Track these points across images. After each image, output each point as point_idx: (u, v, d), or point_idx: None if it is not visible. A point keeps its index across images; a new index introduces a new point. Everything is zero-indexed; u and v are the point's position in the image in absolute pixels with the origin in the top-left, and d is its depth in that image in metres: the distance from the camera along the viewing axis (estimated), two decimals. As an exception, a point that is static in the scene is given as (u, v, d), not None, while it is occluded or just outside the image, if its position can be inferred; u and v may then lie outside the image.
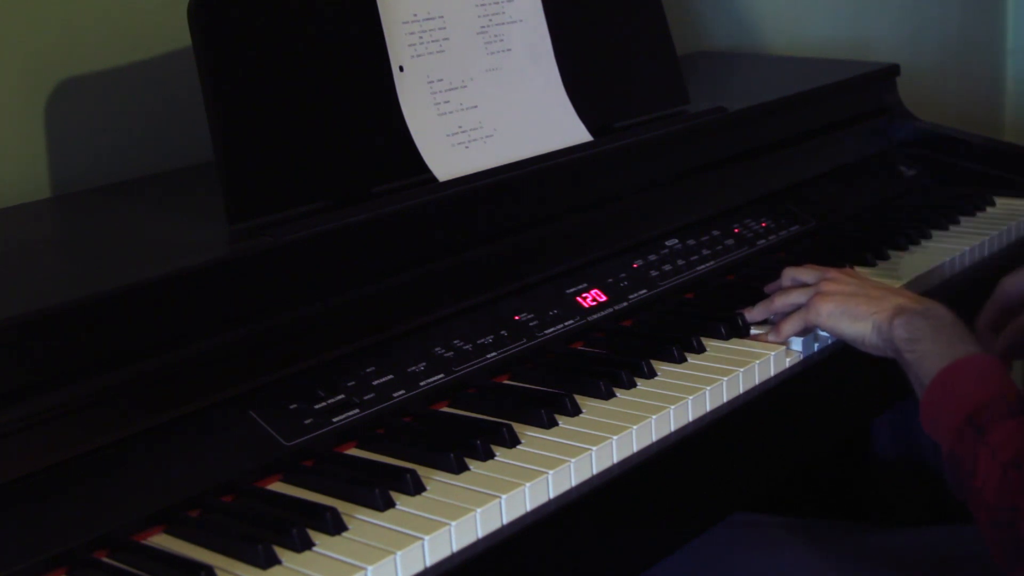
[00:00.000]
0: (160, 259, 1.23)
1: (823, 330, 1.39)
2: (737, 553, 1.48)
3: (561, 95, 1.60)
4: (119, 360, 1.13)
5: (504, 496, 1.09)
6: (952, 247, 1.73)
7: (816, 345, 1.42)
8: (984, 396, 1.17)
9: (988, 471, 1.11)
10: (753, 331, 1.44)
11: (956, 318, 1.28)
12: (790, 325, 1.39)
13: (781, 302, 1.42)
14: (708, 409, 1.29)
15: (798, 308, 1.40)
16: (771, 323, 1.44)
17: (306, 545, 1.02)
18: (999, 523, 1.10)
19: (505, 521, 1.09)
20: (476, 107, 1.51)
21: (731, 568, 1.48)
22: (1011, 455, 1.10)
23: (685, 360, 1.37)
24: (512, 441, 1.18)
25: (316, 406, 1.20)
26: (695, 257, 1.61)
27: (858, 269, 1.63)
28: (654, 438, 1.23)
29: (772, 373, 1.37)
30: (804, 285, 1.43)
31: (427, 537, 1.03)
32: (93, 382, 1.11)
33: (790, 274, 1.46)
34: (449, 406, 1.29)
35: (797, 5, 2.63)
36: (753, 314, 1.45)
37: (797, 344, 1.40)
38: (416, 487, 1.10)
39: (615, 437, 1.19)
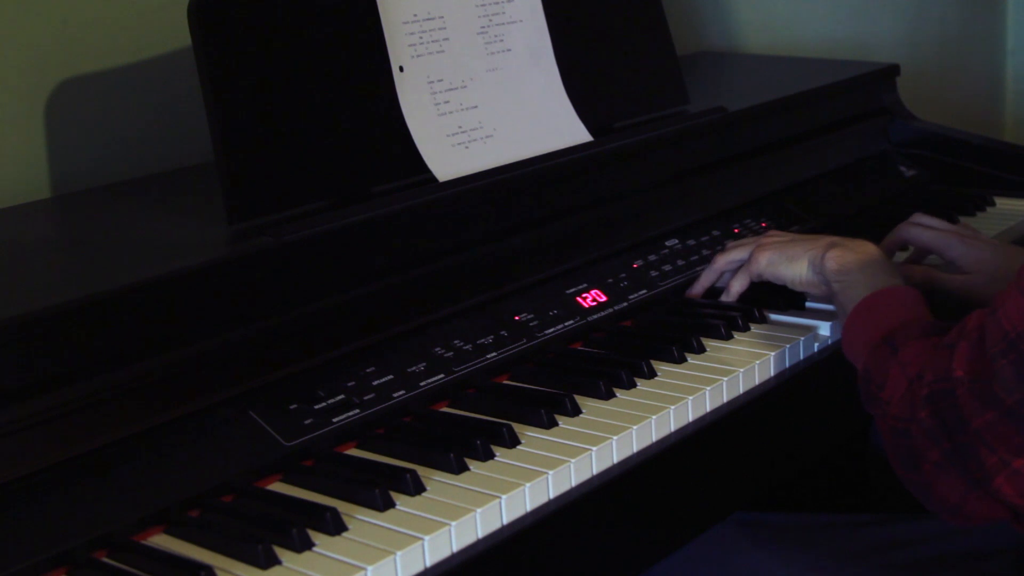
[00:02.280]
0: (160, 259, 1.23)
1: (766, 278, 1.48)
2: (737, 553, 1.48)
3: (561, 95, 1.60)
4: (119, 360, 1.13)
5: (504, 496, 1.09)
6: (952, 247, 1.73)
7: (816, 345, 1.43)
8: (902, 319, 1.25)
9: (895, 384, 1.17)
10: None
11: (884, 255, 1.40)
12: (737, 282, 1.50)
13: (723, 260, 1.53)
14: (708, 409, 1.29)
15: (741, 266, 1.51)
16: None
17: (306, 545, 1.02)
18: (898, 431, 1.16)
19: (505, 521, 1.09)
20: (476, 107, 1.51)
21: (731, 568, 1.47)
22: (916, 370, 1.15)
23: (685, 360, 1.37)
24: (512, 441, 1.18)
25: (316, 406, 1.20)
26: (695, 257, 1.61)
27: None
28: (654, 438, 1.23)
29: (772, 373, 1.37)
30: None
31: (427, 537, 1.03)
32: (93, 382, 1.11)
33: (727, 246, 1.56)
34: (449, 406, 1.29)
35: (796, 5, 2.63)
36: (700, 284, 1.54)
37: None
38: (416, 487, 1.10)
39: (615, 437, 1.19)
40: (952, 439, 1.09)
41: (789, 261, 1.45)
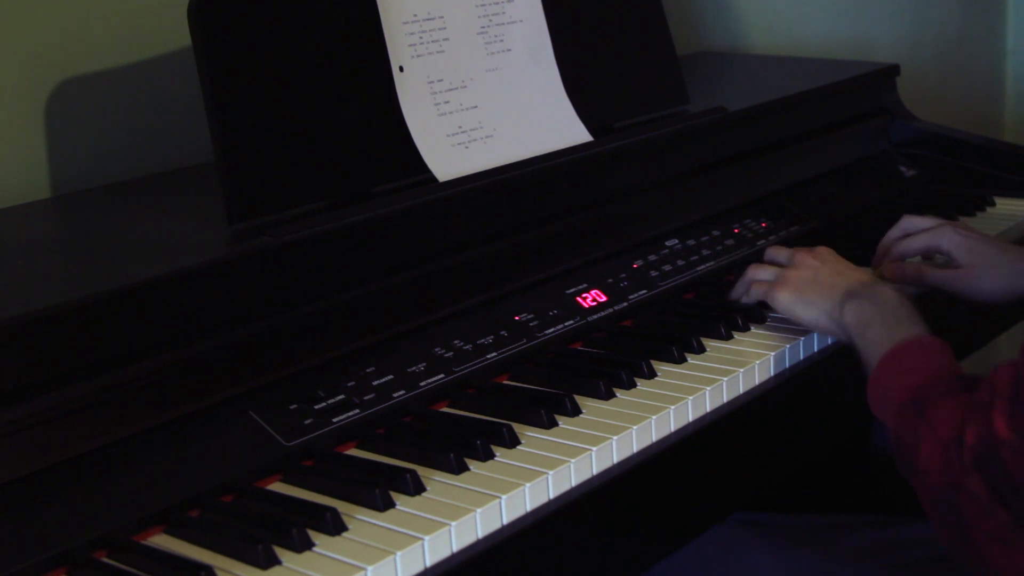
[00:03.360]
0: (160, 259, 1.23)
1: (782, 315, 1.44)
2: (737, 553, 1.48)
3: (561, 95, 1.60)
4: (119, 360, 1.13)
5: (504, 496, 1.09)
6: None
7: (816, 345, 1.42)
8: (925, 376, 1.19)
9: (930, 451, 1.11)
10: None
11: (903, 299, 1.33)
12: (754, 292, 1.48)
13: (751, 274, 1.50)
14: (708, 409, 1.29)
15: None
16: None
17: (306, 545, 1.02)
18: (941, 502, 1.10)
19: (505, 521, 1.09)
20: (476, 107, 1.51)
21: (731, 568, 1.48)
22: (950, 433, 1.10)
23: (685, 360, 1.37)
24: (512, 441, 1.18)
25: (316, 406, 1.20)
26: (695, 257, 1.61)
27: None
28: (654, 438, 1.23)
29: (772, 373, 1.37)
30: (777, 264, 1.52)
31: (427, 537, 1.03)
32: (93, 382, 1.11)
33: (769, 253, 1.56)
34: (449, 406, 1.29)
35: (797, 5, 2.63)
36: (735, 292, 1.52)
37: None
38: (416, 487, 1.10)
39: (615, 437, 1.19)
40: (1007, 506, 1.04)
41: (806, 306, 1.40)
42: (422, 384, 1.27)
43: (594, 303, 1.47)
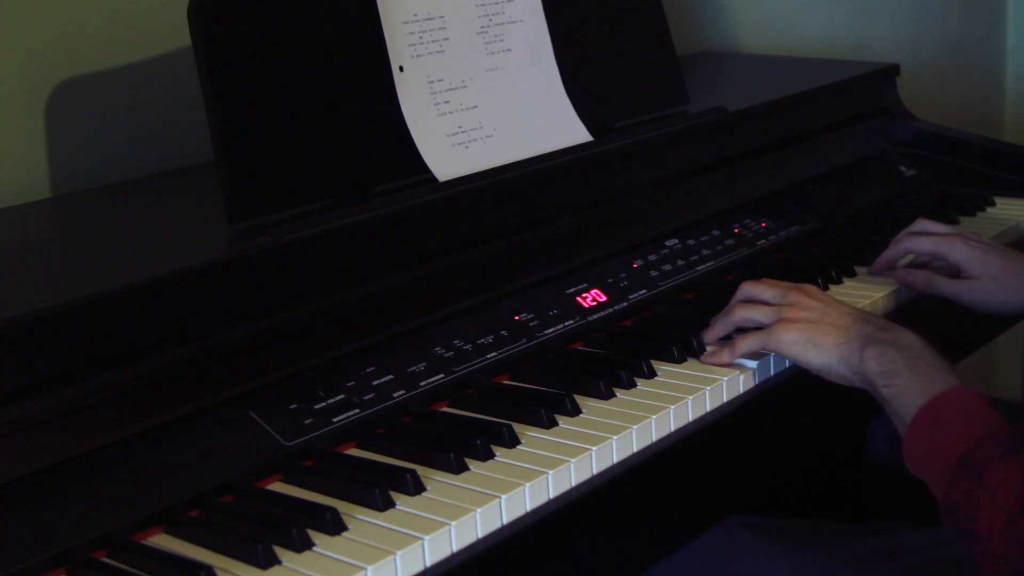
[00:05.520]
0: (160, 259, 1.23)
1: (784, 358, 1.33)
2: (736, 554, 1.48)
3: (561, 95, 1.60)
4: (119, 360, 1.13)
5: (504, 496, 1.09)
6: (952, 247, 1.73)
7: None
8: (974, 435, 1.12)
9: (992, 518, 1.06)
10: (708, 349, 1.37)
11: (926, 344, 1.25)
12: (746, 344, 1.33)
13: (741, 316, 1.36)
14: (708, 409, 1.29)
15: (757, 328, 1.34)
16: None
17: (306, 545, 1.02)
18: (1008, 573, 1.06)
19: (505, 521, 1.09)
20: (476, 107, 1.51)
21: (731, 568, 1.48)
22: (1014, 500, 1.05)
23: (685, 360, 1.37)
24: (512, 441, 1.18)
25: (316, 406, 1.20)
26: (695, 257, 1.61)
27: (857, 269, 1.63)
28: (654, 438, 1.23)
29: (772, 373, 1.37)
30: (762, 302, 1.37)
31: (427, 537, 1.03)
32: (93, 382, 1.11)
33: (747, 290, 1.39)
34: (449, 406, 1.29)
35: (797, 5, 2.63)
36: (712, 332, 1.38)
37: (751, 364, 1.34)
38: (416, 487, 1.10)
39: (615, 437, 1.19)
40: None
41: (817, 350, 1.29)
42: (422, 384, 1.27)
43: (594, 303, 1.47)
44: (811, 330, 1.30)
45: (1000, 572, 1.06)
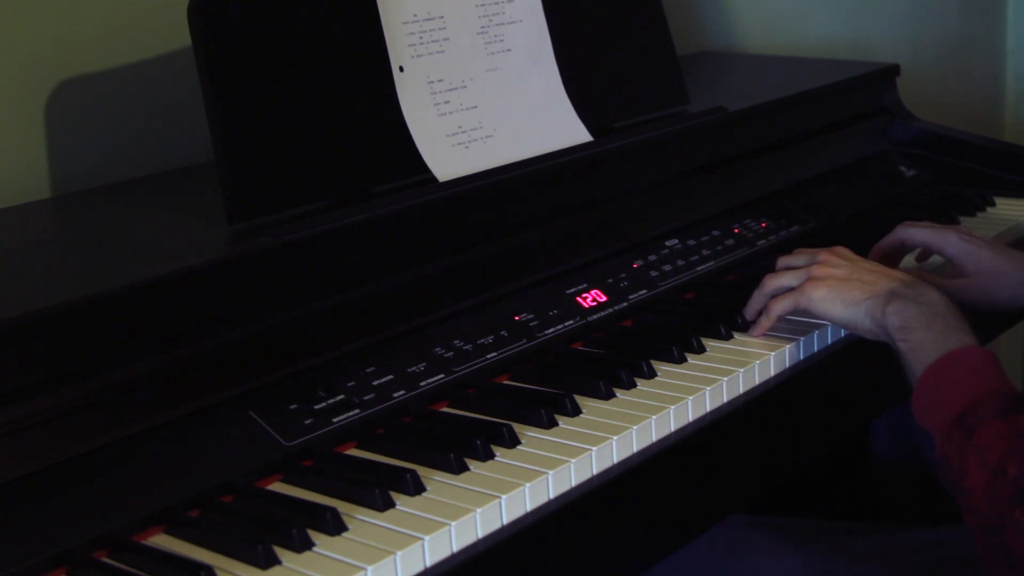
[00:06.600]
0: (160, 259, 1.23)
1: (814, 315, 1.38)
2: (736, 553, 1.48)
3: (561, 95, 1.60)
4: (119, 360, 1.13)
5: (504, 496, 1.09)
6: (952, 247, 1.72)
7: (817, 344, 1.42)
8: (974, 394, 1.15)
9: (976, 474, 1.09)
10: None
11: (949, 304, 1.28)
12: (779, 306, 1.39)
13: (772, 284, 1.42)
14: (708, 409, 1.29)
15: (789, 291, 1.40)
16: None
17: (306, 545, 1.02)
18: (987, 528, 1.08)
19: (505, 521, 1.09)
20: (476, 107, 1.51)
21: (731, 568, 1.48)
22: (997, 458, 1.08)
23: (685, 360, 1.37)
24: (512, 441, 1.18)
25: (316, 406, 1.20)
26: (695, 257, 1.61)
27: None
28: (654, 438, 1.23)
29: (772, 373, 1.37)
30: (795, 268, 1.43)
31: (427, 537, 1.03)
32: (93, 382, 1.11)
33: (783, 262, 1.46)
34: (449, 406, 1.29)
35: (797, 5, 2.63)
36: (751, 307, 1.44)
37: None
38: (416, 487, 1.10)
39: (615, 437, 1.19)
40: None
41: (844, 305, 1.33)
42: (422, 384, 1.27)
43: (594, 303, 1.47)
44: (840, 286, 1.34)
45: (979, 527, 1.09)
